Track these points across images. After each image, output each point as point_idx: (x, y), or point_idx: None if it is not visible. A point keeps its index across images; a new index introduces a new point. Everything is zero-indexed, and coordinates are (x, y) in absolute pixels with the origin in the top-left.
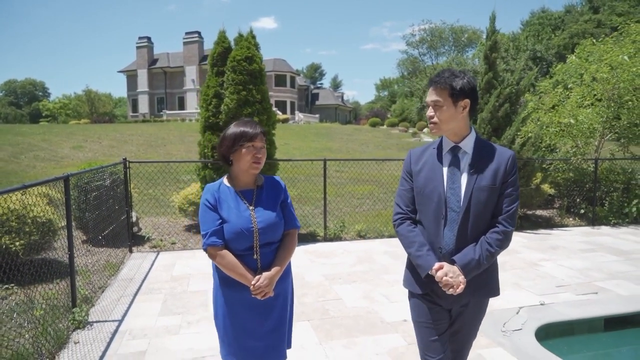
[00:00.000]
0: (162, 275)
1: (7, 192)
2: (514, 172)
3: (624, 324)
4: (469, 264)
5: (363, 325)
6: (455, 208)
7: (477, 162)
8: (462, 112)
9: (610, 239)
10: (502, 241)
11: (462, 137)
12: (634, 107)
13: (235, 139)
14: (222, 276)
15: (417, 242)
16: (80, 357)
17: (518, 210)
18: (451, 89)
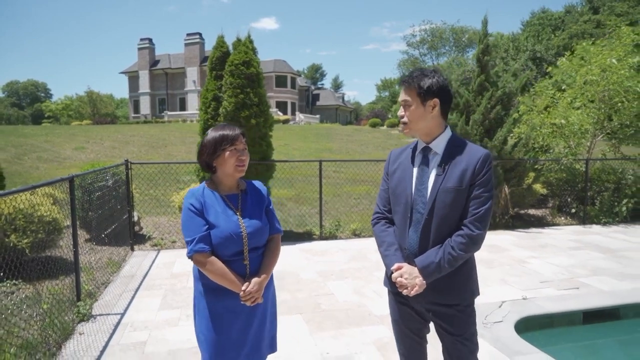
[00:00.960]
0: (163, 273)
1: (17, 192)
2: (484, 173)
3: (602, 317)
4: (429, 267)
5: (352, 318)
6: (421, 209)
7: (445, 163)
8: (432, 111)
9: (599, 237)
10: (466, 245)
11: (433, 137)
12: (624, 108)
13: (215, 144)
14: (208, 284)
15: (386, 241)
16: (85, 346)
17: (489, 213)
18: (419, 88)
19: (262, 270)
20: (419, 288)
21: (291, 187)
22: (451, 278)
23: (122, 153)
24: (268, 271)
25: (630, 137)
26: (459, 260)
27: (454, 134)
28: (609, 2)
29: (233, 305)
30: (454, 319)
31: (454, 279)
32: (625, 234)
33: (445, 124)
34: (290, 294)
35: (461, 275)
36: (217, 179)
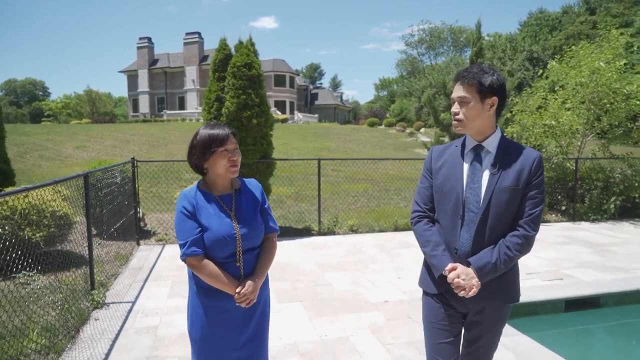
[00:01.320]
0: (169, 265)
1: (39, 187)
2: (539, 174)
3: (583, 305)
4: (485, 267)
5: (349, 305)
6: (474, 209)
7: (500, 162)
8: (489, 110)
9: (587, 233)
10: (522, 245)
11: (486, 136)
12: (613, 109)
13: (206, 145)
14: (202, 285)
15: (432, 241)
16: (101, 330)
17: (542, 214)
18: (480, 85)
19: (257, 271)
20: (477, 289)
21: (291, 185)
22: (501, 278)
23: (123, 152)
24: (263, 272)
25: (619, 136)
26: (514, 260)
27: (503, 135)
28: (605, 3)
29: (229, 306)
30: (494, 319)
31: (503, 279)
32: (611, 230)
33: (496, 124)
34: (290, 284)
35: (510, 276)
36: (210, 180)
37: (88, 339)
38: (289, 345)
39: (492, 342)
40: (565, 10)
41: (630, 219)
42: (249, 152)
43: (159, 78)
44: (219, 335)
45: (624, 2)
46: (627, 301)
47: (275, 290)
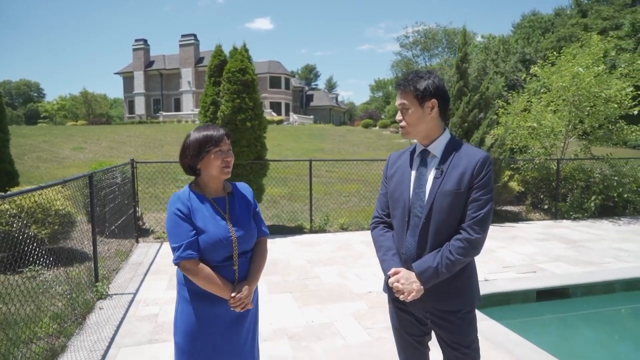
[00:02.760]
0: (167, 261)
1: (51, 186)
2: (482, 175)
3: (553, 295)
4: (426, 272)
5: (335, 295)
6: (419, 213)
7: (444, 166)
8: (430, 113)
9: (566, 230)
10: (465, 249)
11: (432, 139)
12: (593, 112)
13: (200, 146)
14: (194, 290)
15: (384, 246)
16: (105, 318)
17: (489, 217)
18: (416, 91)
19: (250, 275)
20: (416, 293)
21: (284, 186)
22: (450, 283)
23: (119, 153)
24: (257, 276)
25: (600, 138)
26: (457, 265)
27: (452, 137)
28: (596, 5)
29: (222, 311)
30: (454, 326)
31: (453, 284)
32: (590, 227)
33: (443, 126)
34: (281, 277)
35: (461, 281)
36: (202, 182)
37: (94, 325)
38: (278, 330)
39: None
40: (557, 13)
41: (610, 217)
42: (243, 154)
43: (154, 80)
44: (210, 343)
45: (614, 5)
46: (594, 292)
47: (266, 283)
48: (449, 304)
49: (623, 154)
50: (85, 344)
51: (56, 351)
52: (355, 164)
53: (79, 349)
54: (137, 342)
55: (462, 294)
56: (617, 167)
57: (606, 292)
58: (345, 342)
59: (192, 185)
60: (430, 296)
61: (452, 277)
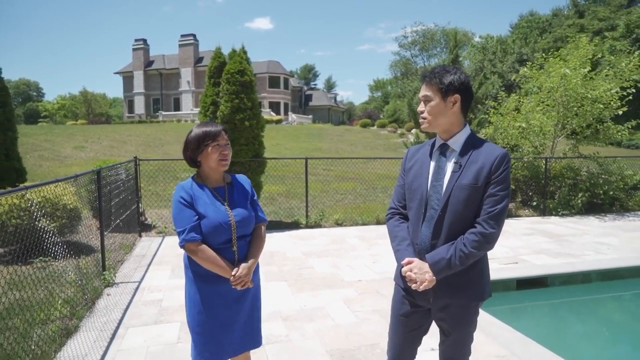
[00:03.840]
0: (169, 253)
1: (64, 180)
2: (500, 171)
3: (533, 284)
4: (439, 263)
5: (327, 283)
6: (435, 205)
7: (462, 160)
8: (452, 107)
9: (552, 226)
10: (479, 243)
11: (452, 134)
12: (581, 113)
13: (199, 140)
14: (198, 271)
15: (399, 236)
16: (113, 303)
17: (504, 212)
18: (440, 84)
19: (249, 255)
20: (428, 284)
21: (282, 184)
22: (463, 276)
23: (120, 152)
24: (256, 256)
25: (588, 137)
26: (470, 258)
27: (472, 133)
28: (593, 6)
29: (223, 290)
30: (459, 318)
31: (466, 277)
32: (576, 223)
33: (464, 122)
34: (277, 267)
35: (473, 274)
36: (204, 173)
37: (103, 309)
38: (273, 312)
39: (462, 342)
40: (555, 13)
41: (596, 213)
42: (242, 152)
43: (154, 79)
44: (215, 319)
45: (610, 6)
46: (571, 281)
47: (263, 272)
48: (460, 296)
49: (609, 152)
50: (96, 325)
51: (70, 330)
52: (353, 162)
53: (90, 329)
54: (143, 323)
55: (473, 287)
56: (604, 165)
57: (583, 282)
58: (334, 322)
59: (194, 176)
60: (442, 288)
61: (465, 270)
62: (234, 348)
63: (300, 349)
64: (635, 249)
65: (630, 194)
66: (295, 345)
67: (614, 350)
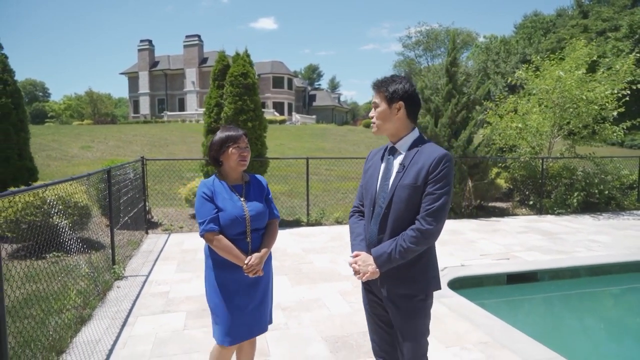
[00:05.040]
0: (175, 249)
1: (79, 179)
2: (438, 171)
3: (523, 279)
4: (381, 256)
5: (325, 277)
6: (382, 203)
7: (406, 162)
8: (397, 113)
9: (548, 224)
10: (416, 238)
11: (399, 137)
12: (577, 114)
13: (222, 143)
14: (217, 259)
15: (354, 232)
16: (123, 294)
17: (442, 210)
18: (386, 92)
19: (262, 246)
20: (370, 275)
21: (285, 183)
22: (408, 269)
23: (126, 152)
24: (268, 247)
25: (585, 137)
26: (409, 252)
27: (420, 136)
28: (597, 7)
29: (239, 277)
30: (407, 311)
31: (410, 270)
32: (570, 222)
33: (412, 126)
34: (278, 262)
35: (418, 267)
36: (225, 172)
37: (114, 300)
38: (274, 304)
39: (410, 335)
40: (559, 13)
41: (592, 212)
42: None
43: (159, 80)
44: (231, 302)
45: (614, 6)
46: (560, 276)
47: None
48: (404, 288)
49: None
50: (108, 314)
51: (84, 318)
52: (354, 162)
53: (103, 318)
54: (152, 313)
55: (417, 279)
56: (600, 165)
57: (572, 277)
58: (330, 312)
59: (216, 174)
60: (388, 279)
61: (409, 264)
62: (249, 330)
63: (297, 335)
64: (625, 247)
65: (626, 194)
66: (293, 332)
67: (594, 339)
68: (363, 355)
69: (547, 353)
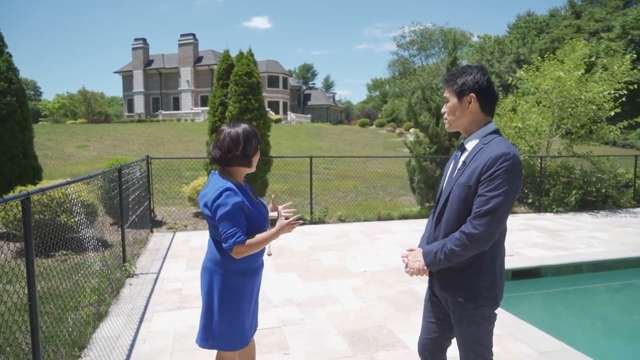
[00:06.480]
0: (182, 247)
1: (91, 177)
2: (492, 172)
3: (527, 275)
4: (428, 255)
5: (334, 273)
6: (440, 202)
7: (468, 159)
8: (469, 107)
9: (547, 222)
10: (460, 241)
11: (470, 133)
12: (575, 113)
13: (256, 139)
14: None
15: (426, 229)
16: (137, 291)
17: (493, 213)
18: (455, 85)
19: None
20: (416, 271)
21: (285, 182)
22: (455, 273)
23: (123, 151)
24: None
25: (583, 136)
26: (454, 255)
27: (492, 132)
28: (589, 7)
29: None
30: (460, 318)
31: (460, 275)
32: (569, 220)
33: (486, 120)
34: (287, 260)
35: (467, 274)
36: (237, 173)
37: (128, 297)
38: (287, 299)
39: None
40: (552, 14)
41: (590, 210)
42: None
43: (153, 79)
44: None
45: (607, 7)
46: (563, 272)
47: (274, 264)
48: (452, 293)
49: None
50: (124, 310)
51: (102, 314)
52: (353, 161)
53: (119, 314)
54: (167, 309)
55: (466, 287)
56: (598, 164)
57: (574, 273)
58: (343, 308)
59: (227, 177)
60: (440, 280)
61: (457, 269)
62: (251, 332)
63: (314, 330)
64: (623, 243)
65: (622, 192)
66: (310, 327)
67: (600, 331)
68: (380, 348)
69: (557, 344)
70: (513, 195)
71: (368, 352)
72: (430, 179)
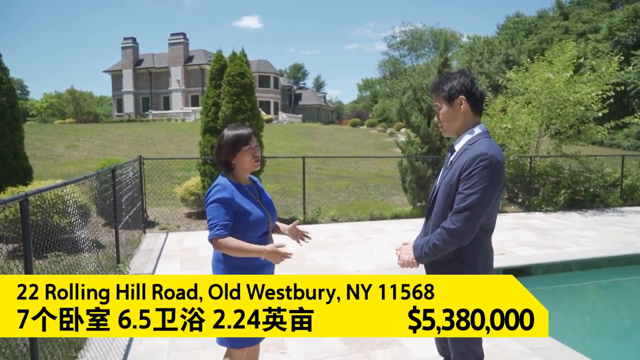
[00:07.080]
0: (175, 247)
1: (87, 178)
2: (470, 170)
3: (518, 273)
4: (417, 248)
5: (328, 273)
6: (431, 199)
7: (454, 159)
8: (460, 108)
9: (537, 221)
10: (441, 236)
11: (459, 135)
12: (564, 114)
13: (233, 144)
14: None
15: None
16: None
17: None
18: (442, 92)
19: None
20: (406, 264)
21: (277, 182)
22: (440, 268)
23: (112, 151)
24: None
25: (571, 137)
26: (437, 249)
27: (480, 133)
28: (577, 9)
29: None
30: None
31: (443, 269)
32: (558, 219)
33: (474, 122)
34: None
35: (451, 268)
36: (237, 174)
37: None
38: None
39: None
40: (540, 15)
41: (578, 209)
42: None
43: (143, 78)
44: None
45: (594, 8)
46: (553, 270)
47: None
48: None
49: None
50: None
51: None
52: (345, 161)
53: None
54: None
55: None
56: (585, 163)
57: (563, 271)
58: None
59: (228, 176)
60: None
61: (443, 263)
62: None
63: None
64: (611, 241)
65: (609, 191)
66: None
67: (591, 328)
68: (376, 347)
69: (548, 341)
70: (490, 192)
71: (364, 351)
72: (422, 179)
